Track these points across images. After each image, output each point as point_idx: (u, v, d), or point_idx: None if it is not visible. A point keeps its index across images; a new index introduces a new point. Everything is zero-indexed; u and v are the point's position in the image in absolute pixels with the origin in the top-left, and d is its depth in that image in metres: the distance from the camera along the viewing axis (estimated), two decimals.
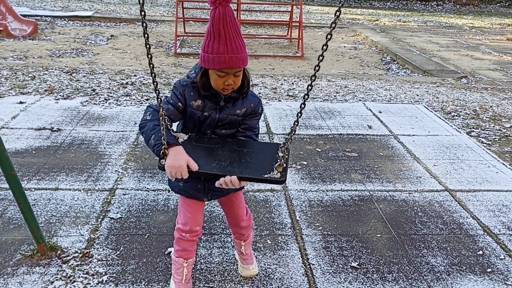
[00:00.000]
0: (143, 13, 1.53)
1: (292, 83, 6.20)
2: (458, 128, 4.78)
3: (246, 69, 1.85)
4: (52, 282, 2.28)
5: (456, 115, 5.21)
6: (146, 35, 1.57)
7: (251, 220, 2.32)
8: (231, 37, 1.68)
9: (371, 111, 5.17)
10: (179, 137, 1.85)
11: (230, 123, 1.92)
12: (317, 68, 1.68)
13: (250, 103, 1.92)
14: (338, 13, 1.56)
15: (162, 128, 1.72)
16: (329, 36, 1.59)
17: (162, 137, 1.72)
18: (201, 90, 1.82)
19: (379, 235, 2.84)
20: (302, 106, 1.73)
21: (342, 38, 11.14)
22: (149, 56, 1.59)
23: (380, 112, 5.13)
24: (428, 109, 5.32)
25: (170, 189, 2.08)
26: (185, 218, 2.06)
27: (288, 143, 1.79)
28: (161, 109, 1.70)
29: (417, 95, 5.93)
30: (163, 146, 1.73)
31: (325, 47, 1.63)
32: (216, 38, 1.69)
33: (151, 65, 1.62)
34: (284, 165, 1.77)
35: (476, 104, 5.68)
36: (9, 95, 5.06)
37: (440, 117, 5.06)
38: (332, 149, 4.09)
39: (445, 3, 20.71)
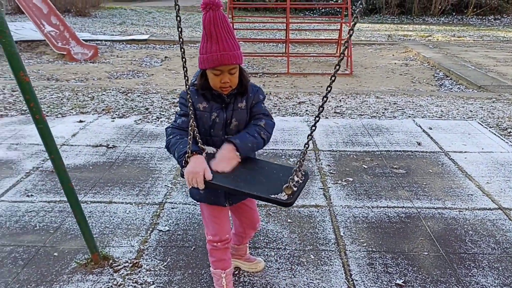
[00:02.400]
0: (179, 29, 1.67)
1: (340, 100, 6.19)
2: None
3: (242, 67, 1.92)
4: None
5: None
6: (182, 50, 1.69)
7: (258, 224, 2.44)
8: (222, 37, 1.77)
9: (420, 127, 5.06)
10: (206, 149, 1.92)
11: (238, 118, 1.97)
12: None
13: (250, 92, 1.99)
14: (355, 20, 1.62)
15: (189, 137, 1.81)
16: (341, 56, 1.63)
17: (188, 146, 1.82)
18: (200, 89, 1.91)
19: (426, 253, 2.77)
20: (313, 128, 1.72)
21: (393, 55, 10.99)
22: (185, 69, 1.75)
23: (430, 129, 5.01)
24: (482, 125, 5.14)
25: (194, 199, 2.15)
26: (213, 228, 2.14)
27: (300, 165, 1.77)
28: (191, 120, 1.82)
29: (471, 111, 5.74)
30: (186, 155, 1.82)
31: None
32: (208, 39, 1.79)
33: (186, 78, 1.80)
34: (294, 188, 1.74)
35: None
36: (70, 115, 5.40)
37: (495, 134, 4.87)
38: (379, 166, 4.04)
39: (503, 17, 19.93)
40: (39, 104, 1.91)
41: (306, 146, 1.75)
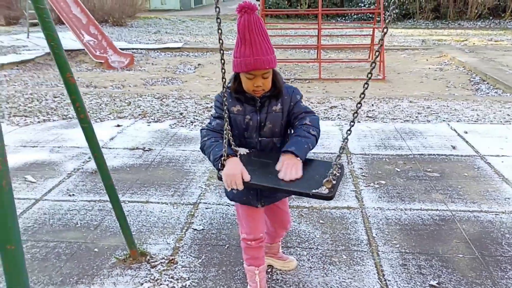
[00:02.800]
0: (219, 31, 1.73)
1: (372, 105, 6.17)
2: None
3: (276, 71, 1.96)
4: (142, 284, 2.50)
5: None
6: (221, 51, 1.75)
7: (289, 225, 2.49)
8: (256, 41, 1.82)
9: (455, 131, 4.99)
10: (239, 151, 1.97)
11: (272, 121, 2.00)
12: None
13: (285, 95, 2.01)
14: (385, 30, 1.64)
15: (224, 141, 1.87)
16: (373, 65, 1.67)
17: (223, 149, 1.86)
18: (233, 93, 1.97)
19: (461, 255, 2.74)
20: (352, 123, 1.73)
21: (427, 60, 10.83)
22: (223, 71, 1.80)
23: (466, 133, 4.93)
24: None
25: (228, 198, 2.20)
26: (247, 227, 2.19)
27: (338, 159, 1.78)
28: (225, 124, 1.86)
29: (508, 115, 5.61)
30: (222, 158, 1.86)
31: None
32: (242, 43, 1.84)
33: (224, 80, 1.85)
34: (334, 182, 1.78)
35: None
36: (108, 119, 5.60)
37: None
38: (412, 169, 4.01)
39: None
40: (83, 104, 2.03)
41: (346, 140, 1.75)
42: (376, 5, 10.65)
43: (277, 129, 2.04)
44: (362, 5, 19.31)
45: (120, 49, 11.19)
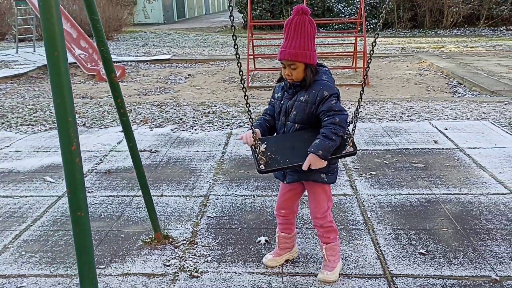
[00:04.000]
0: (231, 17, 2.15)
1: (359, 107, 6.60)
2: None
3: (313, 66, 2.32)
4: (169, 261, 2.83)
5: None
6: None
7: (324, 220, 2.54)
8: (291, 37, 2.25)
9: (436, 128, 5.44)
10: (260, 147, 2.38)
11: (297, 109, 2.36)
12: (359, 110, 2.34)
13: (313, 89, 2.32)
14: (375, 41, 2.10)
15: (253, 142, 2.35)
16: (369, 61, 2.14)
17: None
18: (280, 79, 2.45)
19: (445, 229, 3.14)
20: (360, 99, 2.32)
21: (407, 66, 11.38)
22: (239, 64, 2.23)
23: (446, 129, 5.38)
24: (495, 125, 5.49)
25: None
26: (278, 200, 2.61)
27: (356, 120, 2.40)
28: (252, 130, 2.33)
29: (484, 113, 6.10)
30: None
31: (360, 100, 2.32)
32: (284, 38, 2.28)
33: (241, 73, 2.29)
34: (353, 138, 2.30)
35: None
36: (112, 126, 5.91)
37: (507, 132, 5.22)
38: (399, 161, 4.42)
39: None
40: (124, 101, 2.38)
41: (357, 113, 2.36)
42: (357, 15, 11.19)
43: (300, 117, 2.37)
44: (343, 15, 19.94)
45: None
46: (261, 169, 2.29)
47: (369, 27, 20.38)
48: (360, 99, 2.45)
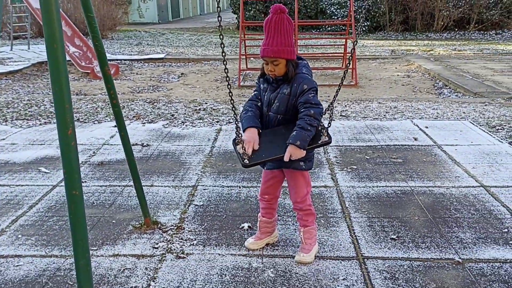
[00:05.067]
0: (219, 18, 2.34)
1: (345, 106, 6.83)
2: (501, 139, 5.16)
3: (293, 61, 2.52)
4: (157, 243, 3.03)
5: (500, 129, 5.58)
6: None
7: (304, 204, 2.75)
8: (272, 35, 2.43)
9: (418, 126, 5.67)
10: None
11: (280, 101, 2.56)
12: (334, 103, 2.52)
13: (294, 83, 2.52)
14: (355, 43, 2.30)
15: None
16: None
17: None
18: (261, 75, 2.63)
19: (416, 218, 3.36)
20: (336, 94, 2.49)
21: (396, 68, 11.65)
22: (225, 63, 2.38)
23: (427, 127, 5.62)
24: (473, 124, 5.73)
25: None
26: (261, 184, 2.85)
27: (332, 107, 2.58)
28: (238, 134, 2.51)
29: (464, 112, 6.35)
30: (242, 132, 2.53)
31: (336, 93, 2.54)
32: (265, 35, 2.47)
33: (226, 70, 2.47)
34: (327, 128, 2.52)
35: None
36: (105, 121, 6.09)
37: (484, 131, 5.46)
38: (380, 157, 4.64)
39: (504, 32, 20.57)
40: (116, 92, 2.57)
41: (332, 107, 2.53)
42: (348, 18, 11.43)
43: (283, 108, 2.57)
44: (335, 17, 20.21)
45: None
46: (246, 163, 2.49)
47: (361, 29, 20.64)
48: (336, 93, 2.67)
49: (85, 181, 4.09)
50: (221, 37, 2.45)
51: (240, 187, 3.94)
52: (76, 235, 2.08)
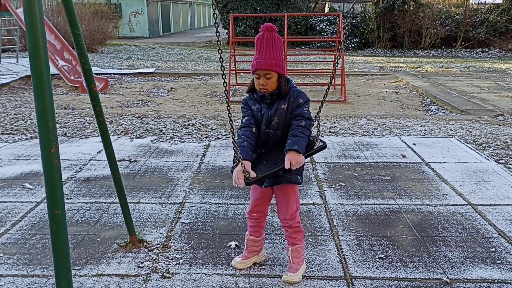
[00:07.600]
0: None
1: (334, 122, 6.86)
2: (488, 156, 5.21)
3: (285, 77, 2.54)
4: (142, 263, 2.98)
5: (487, 146, 5.63)
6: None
7: (293, 221, 2.74)
8: (264, 50, 2.45)
9: (406, 143, 5.70)
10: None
11: (279, 117, 2.56)
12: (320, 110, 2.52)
13: (290, 97, 2.55)
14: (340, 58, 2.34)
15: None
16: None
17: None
18: (249, 91, 2.59)
19: (404, 236, 3.35)
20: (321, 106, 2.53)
21: (384, 84, 11.76)
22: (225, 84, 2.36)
23: (414, 145, 5.65)
24: (460, 142, 5.78)
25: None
26: (250, 202, 2.80)
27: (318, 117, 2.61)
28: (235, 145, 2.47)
29: (451, 130, 6.40)
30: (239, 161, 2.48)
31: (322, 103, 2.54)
32: (256, 52, 2.48)
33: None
34: (318, 136, 2.56)
35: (508, 137, 6.07)
36: (93, 136, 6.03)
37: (471, 148, 5.50)
38: (368, 174, 4.65)
39: (491, 50, 20.95)
40: (102, 110, 2.54)
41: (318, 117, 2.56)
42: (337, 34, 11.54)
43: (282, 124, 2.58)
44: (325, 34, 20.43)
45: (94, 74, 11.60)
46: (249, 180, 2.46)
47: (350, 45, 20.90)
48: (321, 105, 2.70)
49: (70, 198, 4.03)
50: (219, 51, 2.48)
51: (228, 204, 3.91)
52: (57, 255, 2.03)
